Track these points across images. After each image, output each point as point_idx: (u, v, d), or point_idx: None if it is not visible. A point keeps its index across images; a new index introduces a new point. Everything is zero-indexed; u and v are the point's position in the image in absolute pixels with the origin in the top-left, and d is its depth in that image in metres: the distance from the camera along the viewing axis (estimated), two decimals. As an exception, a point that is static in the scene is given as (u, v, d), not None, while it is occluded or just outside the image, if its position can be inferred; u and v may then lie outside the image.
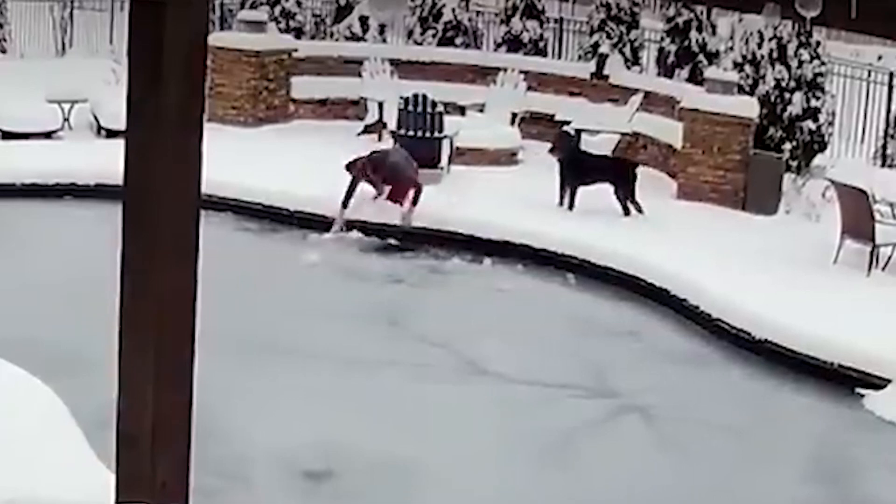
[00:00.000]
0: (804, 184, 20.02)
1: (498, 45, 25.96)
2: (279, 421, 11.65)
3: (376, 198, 17.76)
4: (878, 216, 16.52)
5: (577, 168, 18.50)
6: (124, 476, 5.17)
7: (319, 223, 17.68)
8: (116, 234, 5.06)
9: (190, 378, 5.19)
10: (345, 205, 17.50)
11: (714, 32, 24.19)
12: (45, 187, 18.16)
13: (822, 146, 21.97)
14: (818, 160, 21.62)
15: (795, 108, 21.54)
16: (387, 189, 17.62)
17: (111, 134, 19.74)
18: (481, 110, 23.00)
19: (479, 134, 21.02)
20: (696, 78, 22.90)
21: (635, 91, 22.17)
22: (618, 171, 18.70)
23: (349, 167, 17.56)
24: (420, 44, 25.62)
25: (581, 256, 16.60)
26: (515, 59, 24.41)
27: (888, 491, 11.57)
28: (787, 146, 21.11)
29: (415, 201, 17.61)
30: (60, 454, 7.53)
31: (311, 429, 11.61)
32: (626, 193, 18.24)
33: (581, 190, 18.32)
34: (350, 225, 17.57)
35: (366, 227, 17.55)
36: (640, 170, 18.74)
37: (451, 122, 20.18)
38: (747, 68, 21.78)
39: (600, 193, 18.18)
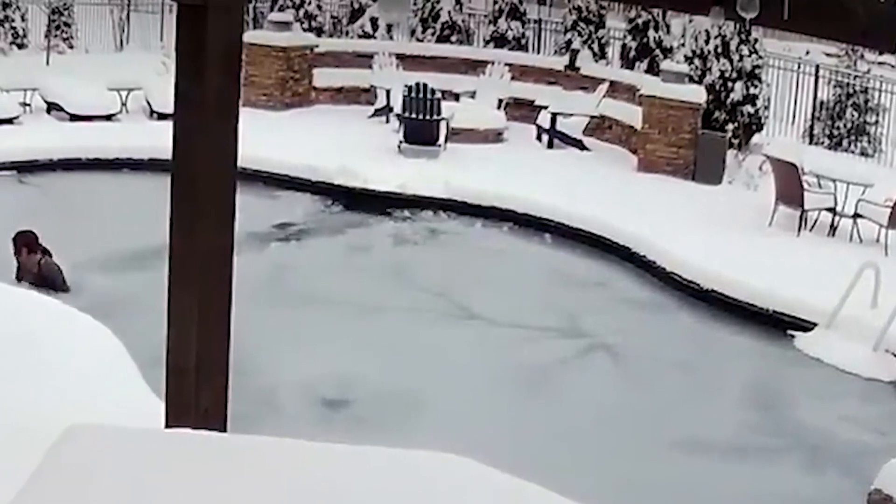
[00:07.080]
0: (744, 158, 20.01)
1: (486, 42, 25.82)
2: (301, 358, 11.66)
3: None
4: (806, 186, 16.53)
5: None
6: (172, 404, 5.19)
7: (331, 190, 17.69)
8: (166, 201, 5.06)
9: (228, 320, 5.21)
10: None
11: (668, 31, 24.07)
12: (106, 161, 18.10)
13: (759, 127, 21.92)
14: (756, 139, 21.57)
15: (737, 94, 21.47)
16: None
17: (162, 117, 19.65)
18: (473, 96, 22.90)
19: (470, 116, 20.93)
20: (653, 69, 22.81)
21: (602, 80, 22.08)
22: None
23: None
24: (421, 40, 25.50)
25: (557, 219, 16.58)
26: (501, 53, 24.29)
27: (812, 416, 11.62)
28: (730, 127, 21.07)
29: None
30: (117, 385, 7.54)
31: (329, 364, 11.63)
32: None
33: (557, 162, 18.20)
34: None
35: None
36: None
37: (447, 106, 20.08)
38: (696, 61, 21.69)
39: (575, 168, 18.10)
